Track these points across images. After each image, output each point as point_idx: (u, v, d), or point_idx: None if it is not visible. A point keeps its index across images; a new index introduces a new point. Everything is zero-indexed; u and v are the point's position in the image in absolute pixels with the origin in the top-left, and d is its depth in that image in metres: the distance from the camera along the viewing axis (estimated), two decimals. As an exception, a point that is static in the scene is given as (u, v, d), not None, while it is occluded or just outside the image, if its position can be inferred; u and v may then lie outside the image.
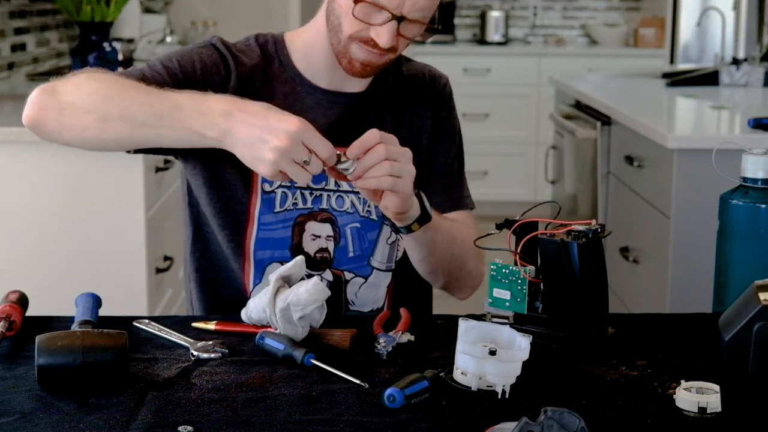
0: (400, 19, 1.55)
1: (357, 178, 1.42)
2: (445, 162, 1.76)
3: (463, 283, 1.73)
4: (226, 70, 1.65)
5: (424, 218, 1.55)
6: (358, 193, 1.65)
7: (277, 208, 1.65)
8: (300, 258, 1.46)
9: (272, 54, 1.70)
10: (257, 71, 1.67)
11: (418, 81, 1.76)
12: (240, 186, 1.65)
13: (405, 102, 1.74)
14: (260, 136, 1.36)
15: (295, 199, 1.66)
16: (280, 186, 1.65)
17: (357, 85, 1.70)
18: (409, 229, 1.55)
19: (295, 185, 1.65)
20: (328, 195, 1.66)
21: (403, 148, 1.46)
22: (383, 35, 1.55)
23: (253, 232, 1.65)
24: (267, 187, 1.65)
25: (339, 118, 1.68)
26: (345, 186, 1.66)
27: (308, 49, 1.68)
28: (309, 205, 1.66)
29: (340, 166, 1.41)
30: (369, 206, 1.68)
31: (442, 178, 1.75)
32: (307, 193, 1.66)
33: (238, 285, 1.68)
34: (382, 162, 1.42)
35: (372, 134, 1.43)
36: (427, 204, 1.56)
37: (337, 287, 1.67)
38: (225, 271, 1.69)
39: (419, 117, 1.74)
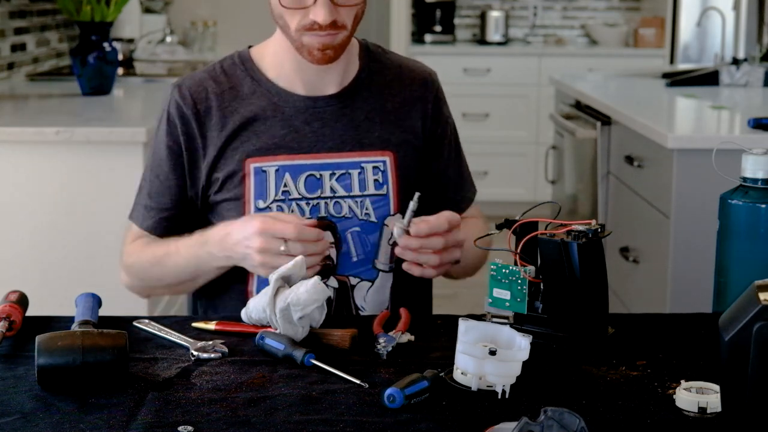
0: None
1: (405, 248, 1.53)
2: (445, 162, 1.76)
3: (469, 274, 1.78)
4: (185, 125, 1.68)
5: None
6: (354, 197, 1.65)
7: None
8: (300, 258, 1.45)
9: (240, 74, 1.70)
10: (223, 98, 1.68)
11: (409, 80, 1.75)
12: (233, 210, 1.66)
13: (395, 100, 1.72)
14: (245, 249, 1.53)
15: (292, 210, 1.65)
16: (275, 201, 1.65)
17: (332, 86, 1.69)
18: None
19: (290, 197, 1.65)
20: (326, 202, 1.65)
21: (460, 237, 1.55)
22: (320, 13, 1.56)
23: None
24: (261, 204, 1.65)
25: (325, 124, 1.67)
26: (341, 191, 1.66)
27: (277, 57, 1.69)
28: (307, 215, 1.65)
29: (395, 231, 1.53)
30: (367, 209, 1.67)
31: (443, 180, 1.76)
32: (303, 203, 1.65)
33: (243, 300, 1.67)
34: (433, 255, 1.53)
35: (443, 223, 1.52)
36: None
37: (344, 293, 1.66)
38: (230, 287, 1.69)
39: (409, 117, 1.73)
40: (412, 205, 1.52)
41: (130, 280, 1.76)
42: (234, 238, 1.54)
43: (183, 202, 1.71)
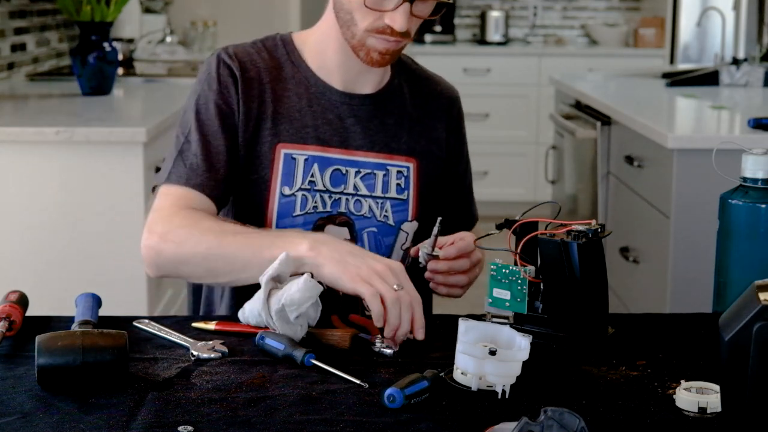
0: (411, 0, 1.55)
1: (435, 272, 1.54)
2: (460, 180, 1.80)
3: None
4: (236, 85, 1.65)
5: None
6: (376, 197, 1.66)
7: (297, 212, 1.65)
8: (284, 255, 1.43)
9: (281, 56, 1.70)
10: (267, 74, 1.67)
11: (435, 94, 1.78)
12: (256, 194, 1.64)
13: (422, 111, 1.75)
14: (359, 261, 1.42)
15: (315, 202, 1.65)
16: (300, 189, 1.65)
17: (369, 86, 1.70)
18: None
19: (315, 188, 1.65)
20: (347, 198, 1.66)
21: (479, 253, 1.58)
22: (398, 20, 1.54)
23: None
24: (287, 191, 1.64)
25: (358, 122, 1.68)
26: (363, 190, 1.67)
27: (321, 49, 1.68)
28: (328, 208, 1.65)
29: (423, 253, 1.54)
30: (386, 211, 1.68)
31: (455, 197, 1.80)
32: (326, 196, 1.66)
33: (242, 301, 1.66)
34: (461, 275, 1.55)
35: (469, 244, 1.54)
36: None
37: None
38: (230, 287, 1.68)
39: (434, 128, 1.76)
40: (436, 230, 1.52)
41: (162, 244, 1.54)
42: (354, 251, 1.45)
43: (232, 165, 1.63)
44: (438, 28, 6.27)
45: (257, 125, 1.65)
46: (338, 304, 1.66)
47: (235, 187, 1.66)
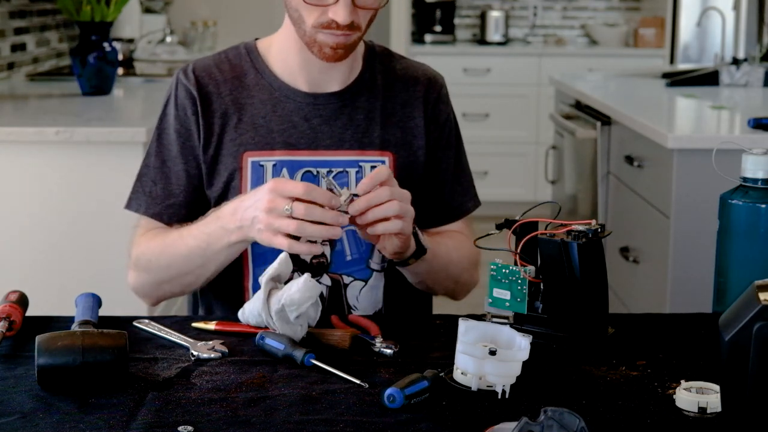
0: None
1: (358, 214, 1.47)
2: (446, 170, 1.75)
3: (458, 292, 1.75)
4: (194, 105, 1.68)
5: (420, 252, 1.57)
6: (354, 195, 1.64)
7: None
8: (284, 255, 1.44)
9: (245, 65, 1.70)
10: (227, 85, 1.68)
11: (412, 81, 1.74)
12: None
13: (396, 101, 1.72)
14: (254, 212, 1.47)
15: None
16: None
17: (335, 83, 1.69)
18: (405, 263, 1.59)
19: None
20: None
21: (404, 190, 1.50)
22: (340, 13, 1.55)
23: (248, 250, 1.64)
24: None
25: (324, 121, 1.67)
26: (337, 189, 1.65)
27: (283, 52, 1.68)
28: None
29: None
30: None
31: (443, 188, 1.74)
32: None
33: (242, 302, 1.66)
34: (390, 202, 1.46)
35: (380, 172, 1.47)
36: (422, 238, 1.57)
37: (337, 291, 1.66)
38: (229, 287, 1.68)
39: (411, 117, 1.72)
40: (326, 180, 1.57)
41: (138, 276, 1.69)
42: (246, 203, 1.50)
43: (191, 188, 1.69)
44: (438, 28, 6.27)
45: (221, 138, 1.67)
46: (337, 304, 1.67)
47: (204, 205, 1.68)
